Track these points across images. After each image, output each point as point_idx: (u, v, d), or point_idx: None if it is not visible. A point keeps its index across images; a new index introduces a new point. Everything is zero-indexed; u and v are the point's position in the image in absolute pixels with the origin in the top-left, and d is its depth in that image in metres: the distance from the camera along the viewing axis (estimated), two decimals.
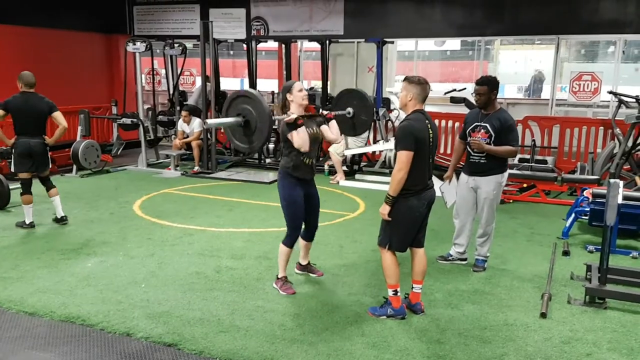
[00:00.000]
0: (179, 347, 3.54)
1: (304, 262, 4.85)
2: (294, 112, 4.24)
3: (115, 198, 7.49)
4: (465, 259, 5.24)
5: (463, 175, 5.09)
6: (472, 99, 8.22)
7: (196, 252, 5.35)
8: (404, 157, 3.75)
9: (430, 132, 3.90)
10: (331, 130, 4.48)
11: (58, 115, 6.00)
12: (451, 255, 5.29)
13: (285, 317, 4.00)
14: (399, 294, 4.02)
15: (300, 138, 4.15)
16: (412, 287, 4.16)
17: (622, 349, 3.64)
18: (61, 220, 6.21)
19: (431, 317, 4.06)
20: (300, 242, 4.66)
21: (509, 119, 4.84)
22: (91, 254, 5.26)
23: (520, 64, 24.38)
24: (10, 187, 6.90)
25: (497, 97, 4.93)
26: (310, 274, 4.81)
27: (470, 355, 3.53)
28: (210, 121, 3.64)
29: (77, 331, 3.76)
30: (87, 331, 3.75)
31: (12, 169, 6.18)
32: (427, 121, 3.89)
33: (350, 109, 4.72)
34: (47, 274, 4.72)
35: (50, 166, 6.28)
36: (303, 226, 4.53)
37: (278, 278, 4.52)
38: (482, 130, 4.84)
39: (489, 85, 4.82)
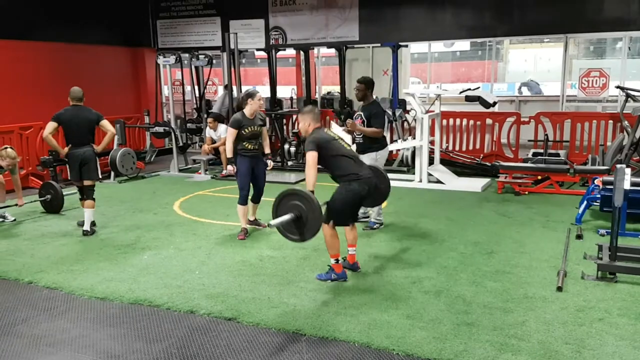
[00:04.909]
0: (238, 320, 4.05)
1: (252, 218, 6.41)
2: (247, 112, 5.99)
3: (155, 200, 8.06)
4: (368, 217, 6.53)
5: None
6: (486, 97, 8.72)
7: (239, 244, 5.87)
8: (310, 157, 4.59)
9: (335, 136, 4.86)
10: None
11: (106, 123, 6.46)
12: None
13: (326, 295, 4.49)
14: (340, 261, 4.81)
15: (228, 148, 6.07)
16: (348, 251, 5.02)
17: (631, 314, 4.08)
18: (85, 231, 6.36)
19: (457, 293, 4.52)
20: (250, 204, 6.27)
21: (376, 108, 6.22)
22: (145, 248, 5.80)
23: (530, 62, 24.73)
24: (65, 193, 7.48)
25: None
26: (257, 227, 6.42)
27: (495, 322, 3.99)
28: (274, 222, 4.21)
29: (146, 311, 4.28)
30: (155, 311, 4.27)
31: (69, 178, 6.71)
32: (326, 130, 4.92)
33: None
34: (109, 266, 5.25)
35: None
36: (252, 191, 6.24)
37: (241, 230, 6.17)
38: (359, 118, 6.21)
39: (365, 84, 6.22)
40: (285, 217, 4.25)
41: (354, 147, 5.74)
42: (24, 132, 8.80)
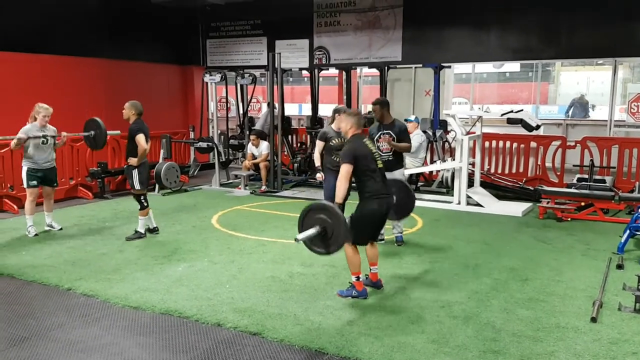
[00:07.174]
0: (262, 336, 4.11)
1: None
2: (334, 126, 6.45)
3: (195, 213, 8.28)
4: (383, 239, 6.55)
5: None
6: (529, 120, 8.57)
7: (270, 260, 5.95)
8: (344, 170, 4.59)
9: (372, 149, 4.81)
10: None
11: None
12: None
13: (352, 315, 4.49)
14: (361, 279, 4.82)
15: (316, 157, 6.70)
16: (370, 269, 5.03)
17: None
18: (153, 230, 7.02)
19: (487, 319, 4.43)
20: None
21: (403, 125, 6.52)
22: (180, 260, 5.96)
23: (583, 84, 24.03)
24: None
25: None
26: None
27: (523, 352, 3.89)
28: (300, 236, 4.28)
29: (175, 322, 4.39)
30: (183, 322, 4.39)
31: (139, 188, 6.74)
32: (364, 141, 4.81)
33: None
34: (145, 276, 5.43)
35: None
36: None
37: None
38: (386, 135, 6.31)
39: (380, 104, 6.38)
40: (311, 231, 4.29)
41: None
42: (74, 144, 9.21)
